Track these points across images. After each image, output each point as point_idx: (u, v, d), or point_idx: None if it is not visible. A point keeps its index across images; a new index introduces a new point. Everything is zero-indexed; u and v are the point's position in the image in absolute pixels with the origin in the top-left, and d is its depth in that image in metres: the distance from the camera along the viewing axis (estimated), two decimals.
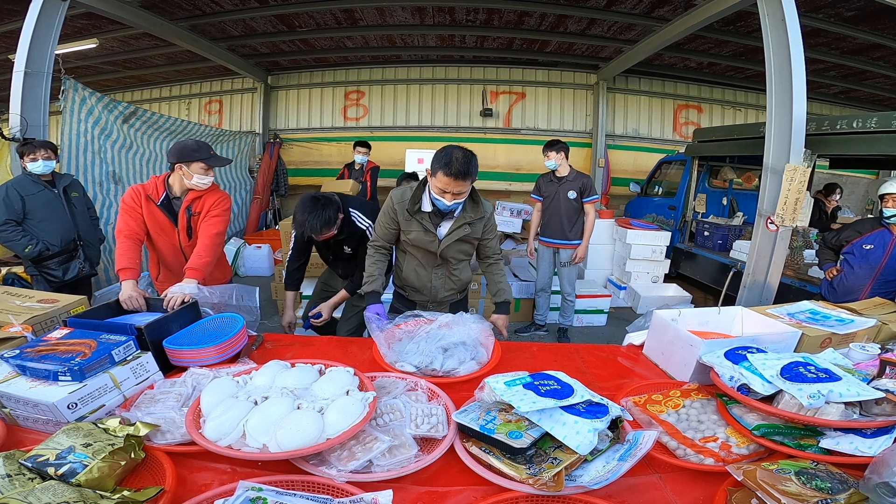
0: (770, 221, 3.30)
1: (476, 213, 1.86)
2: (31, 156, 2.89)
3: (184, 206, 2.13)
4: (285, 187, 7.61)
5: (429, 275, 1.97)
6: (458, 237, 1.85)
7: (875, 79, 6.53)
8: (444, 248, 1.87)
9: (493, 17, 5.51)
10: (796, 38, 3.13)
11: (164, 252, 2.22)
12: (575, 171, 3.65)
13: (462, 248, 1.93)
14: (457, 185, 1.67)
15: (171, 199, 2.14)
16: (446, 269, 1.97)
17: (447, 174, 1.65)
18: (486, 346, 1.55)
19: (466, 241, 1.91)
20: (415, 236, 1.87)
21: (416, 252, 1.94)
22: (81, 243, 3.13)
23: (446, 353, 1.48)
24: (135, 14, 4.70)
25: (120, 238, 2.05)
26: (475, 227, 1.89)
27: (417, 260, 1.96)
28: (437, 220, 1.85)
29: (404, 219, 1.87)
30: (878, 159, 3.97)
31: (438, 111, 7.57)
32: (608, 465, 0.95)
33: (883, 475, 0.78)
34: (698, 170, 5.53)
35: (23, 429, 1.12)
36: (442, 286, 2.00)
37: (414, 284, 2.01)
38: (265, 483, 0.89)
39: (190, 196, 2.13)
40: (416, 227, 1.85)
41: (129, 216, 2.08)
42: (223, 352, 1.46)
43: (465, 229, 1.85)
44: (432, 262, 1.94)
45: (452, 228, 1.85)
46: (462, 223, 1.84)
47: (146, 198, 2.10)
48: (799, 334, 1.50)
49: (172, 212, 2.14)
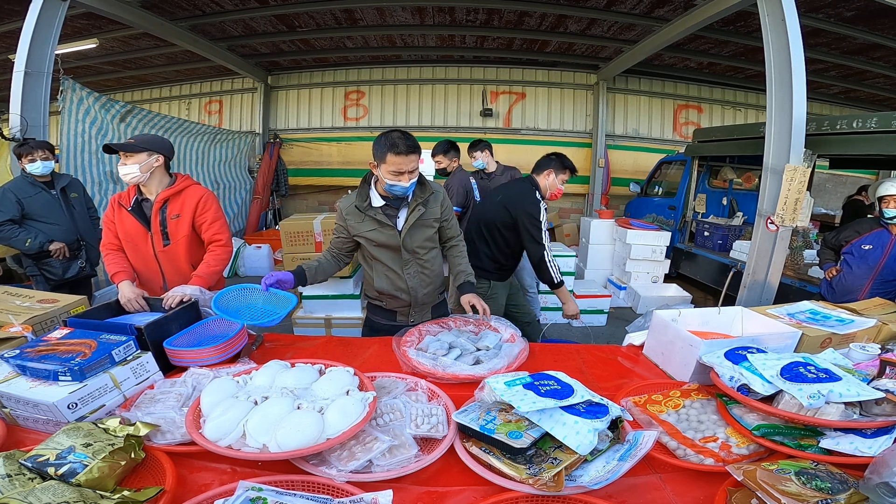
0: (770, 221, 3.30)
1: (426, 192, 1.83)
2: (29, 157, 2.88)
3: (156, 208, 1.96)
4: (285, 187, 7.62)
5: (401, 276, 1.90)
6: (415, 220, 1.81)
7: (875, 79, 6.53)
8: (405, 238, 1.82)
9: (493, 17, 5.51)
10: (796, 38, 3.13)
11: (136, 262, 2.04)
12: (503, 166, 3.68)
13: (425, 234, 1.88)
14: (409, 161, 1.66)
15: (141, 201, 1.99)
16: (416, 264, 1.91)
17: (397, 153, 1.64)
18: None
19: (426, 224, 1.86)
20: (373, 235, 1.82)
21: (381, 255, 1.88)
22: (84, 243, 3.13)
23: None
24: (135, 14, 4.70)
25: (104, 251, 2.02)
26: (430, 208, 1.85)
27: (385, 265, 1.89)
28: (391, 212, 1.82)
29: (356, 221, 1.82)
30: (878, 159, 3.97)
31: (438, 111, 7.58)
32: (608, 465, 0.95)
33: (883, 475, 0.78)
34: (698, 170, 5.53)
35: (23, 429, 1.12)
36: (418, 284, 1.93)
37: (390, 291, 1.93)
38: (265, 483, 0.89)
39: (162, 195, 1.96)
40: (371, 224, 1.81)
41: (108, 230, 2.02)
42: (223, 352, 1.46)
43: (419, 210, 1.81)
44: (399, 261, 1.88)
45: (408, 213, 1.81)
46: (415, 205, 1.81)
47: (118, 205, 1.99)
48: (799, 334, 1.50)
49: (144, 216, 1.99)
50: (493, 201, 2.52)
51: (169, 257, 2.02)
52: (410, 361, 1.49)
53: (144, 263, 2.04)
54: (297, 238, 3.44)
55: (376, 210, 1.80)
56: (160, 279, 2.06)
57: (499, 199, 2.46)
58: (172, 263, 2.04)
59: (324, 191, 7.91)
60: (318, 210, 7.25)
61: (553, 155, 2.47)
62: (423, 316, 1.99)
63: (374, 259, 1.91)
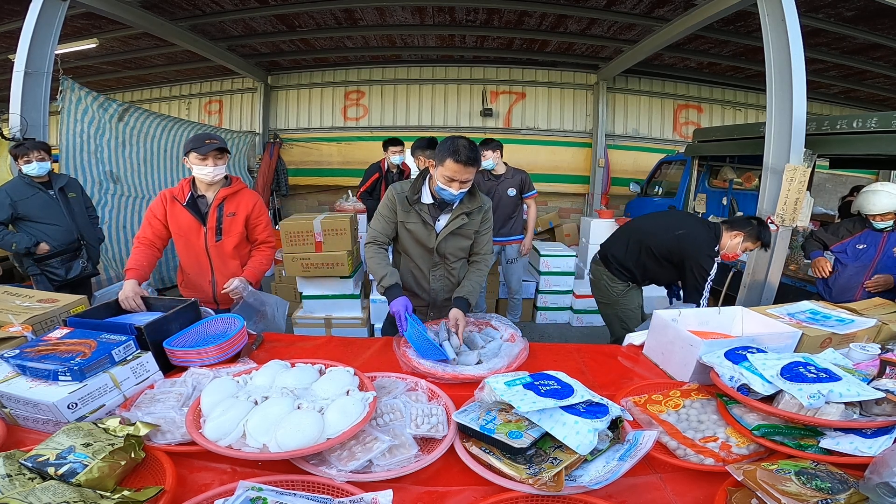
0: (770, 221, 3.30)
1: (473, 204, 1.85)
2: (25, 158, 2.85)
3: (215, 205, 2.06)
4: (286, 187, 7.61)
5: (426, 276, 1.94)
6: (455, 227, 1.83)
7: (875, 79, 6.52)
8: (440, 242, 1.84)
9: (493, 17, 5.51)
10: (796, 38, 3.12)
11: (187, 255, 2.13)
12: (512, 169, 3.67)
13: (459, 243, 1.90)
14: (465, 172, 1.67)
15: (197, 197, 2.08)
16: (444, 268, 1.93)
17: (457, 161, 1.65)
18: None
19: (463, 234, 1.88)
20: (413, 227, 1.85)
21: (413, 251, 1.91)
22: (84, 243, 3.12)
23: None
24: (135, 14, 4.70)
25: (135, 243, 2.06)
26: (473, 219, 1.86)
27: (414, 262, 1.93)
28: (435, 212, 1.84)
29: (403, 209, 1.85)
30: (878, 159, 3.97)
31: (438, 111, 7.57)
32: (608, 465, 0.95)
33: (883, 475, 0.78)
34: (698, 170, 5.53)
35: (23, 429, 1.12)
36: (441, 288, 1.96)
37: (411, 288, 1.97)
38: (265, 483, 0.89)
39: (221, 194, 2.07)
40: (415, 218, 1.84)
41: (148, 224, 2.07)
42: (223, 352, 1.46)
43: (462, 219, 1.82)
44: (429, 261, 1.91)
45: (450, 219, 1.83)
46: (460, 213, 1.82)
47: (171, 199, 2.06)
48: (799, 334, 1.50)
49: (199, 211, 2.07)
50: (668, 229, 2.42)
51: (219, 252, 2.11)
52: (410, 361, 1.50)
53: (195, 257, 2.12)
54: (297, 238, 3.43)
55: (423, 206, 1.82)
56: (209, 273, 2.15)
57: (676, 234, 2.35)
58: (221, 258, 2.13)
59: (324, 191, 7.90)
60: (319, 210, 7.25)
61: (755, 220, 2.35)
62: (439, 318, 1.99)
63: (406, 253, 1.94)
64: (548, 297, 4.41)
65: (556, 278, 4.35)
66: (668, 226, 2.44)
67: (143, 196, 4.76)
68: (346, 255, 3.17)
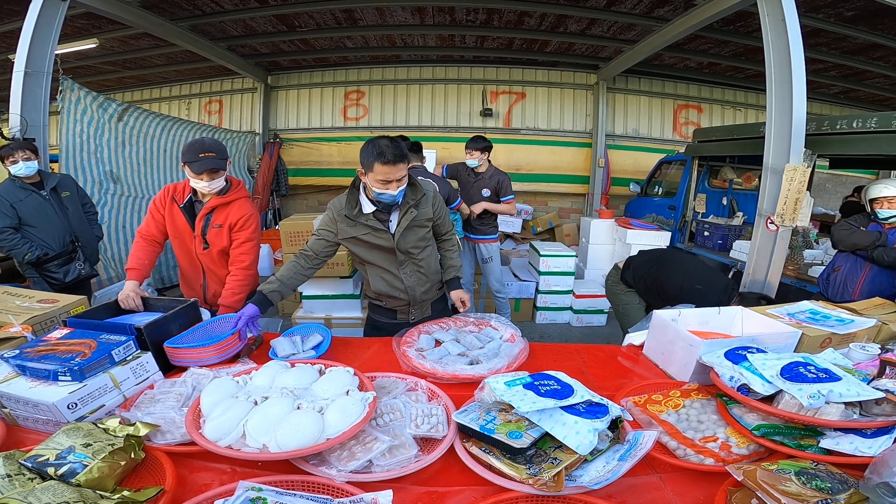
0: (770, 221, 3.30)
1: (417, 194, 1.82)
2: (11, 158, 2.76)
3: (203, 212, 1.99)
4: (286, 187, 7.61)
5: (398, 276, 1.89)
6: (408, 223, 1.80)
7: (875, 79, 6.52)
8: (399, 240, 1.81)
9: (493, 17, 5.51)
10: (796, 38, 3.12)
11: (182, 257, 2.12)
12: (493, 169, 3.65)
13: (418, 234, 1.86)
14: (397, 170, 1.64)
15: (195, 201, 2.03)
16: (412, 263, 1.90)
17: (385, 162, 1.61)
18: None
19: (419, 225, 1.85)
20: (366, 238, 1.81)
21: (375, 258, 1.87)
22: (79, 244, 3.07)
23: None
24: (135, 14, 4.70)
25: (137, 237, 2.04)
26: (423, 209, 1.84)
27: (381, 267, 1.89)
28: (383, 216, 1.81)
29: (348, 226, 1.80)
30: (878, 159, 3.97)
31: (438, 111, 7.57)
32: (608, 465, 0.95)
33: (883, 475, 0.78)
34: (698, 170, 5.52)
35: (23, 429, 1.12)
36: (416, 283, 1.92)
37: (388, 292, 1.93)
38: (265, 483, 0.89)
39: (212, 202, 1.99)
40: (364, 229, 1.79)
41: (151, 217, 2.04)
42: (223, 351, 1.46)
43: (412, 212, 1.80)
44: (394, 262, 1.87)
45: (401, 216, 1.80)
46: (407, 207, 1.80)
47: (171, 198, 2.01)
48: (799, 334, 1.50)
49: (193, 216, 2.03)
50: (688, 276, 2.46)
51: (208, 258, 2.09)
52: (410, 361, 1.49)
53: (189, 260, 2.12)
54: (297, 238, 3.44)
55: (368, 216, 1.78)
56: (201, 277, 2.14)
57: (695, 286, 2.38)
58: (211, 266, 2.11)
59: (324, 191, 7.90)
60: (318, 210, 7.24)
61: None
62: (423, 313, 1.99)
63: (369, 263, 1.89)
64: (548, 297, 4.41)
65: (555, 278, 4.36)
66: (691, 273, 2.49)
67: (142, 196, 4.76)
68: (346, 255, 3.17)
